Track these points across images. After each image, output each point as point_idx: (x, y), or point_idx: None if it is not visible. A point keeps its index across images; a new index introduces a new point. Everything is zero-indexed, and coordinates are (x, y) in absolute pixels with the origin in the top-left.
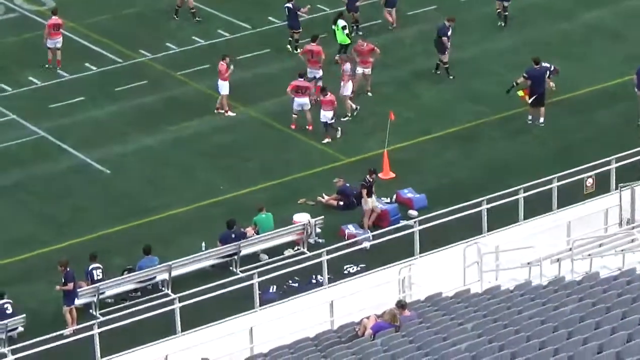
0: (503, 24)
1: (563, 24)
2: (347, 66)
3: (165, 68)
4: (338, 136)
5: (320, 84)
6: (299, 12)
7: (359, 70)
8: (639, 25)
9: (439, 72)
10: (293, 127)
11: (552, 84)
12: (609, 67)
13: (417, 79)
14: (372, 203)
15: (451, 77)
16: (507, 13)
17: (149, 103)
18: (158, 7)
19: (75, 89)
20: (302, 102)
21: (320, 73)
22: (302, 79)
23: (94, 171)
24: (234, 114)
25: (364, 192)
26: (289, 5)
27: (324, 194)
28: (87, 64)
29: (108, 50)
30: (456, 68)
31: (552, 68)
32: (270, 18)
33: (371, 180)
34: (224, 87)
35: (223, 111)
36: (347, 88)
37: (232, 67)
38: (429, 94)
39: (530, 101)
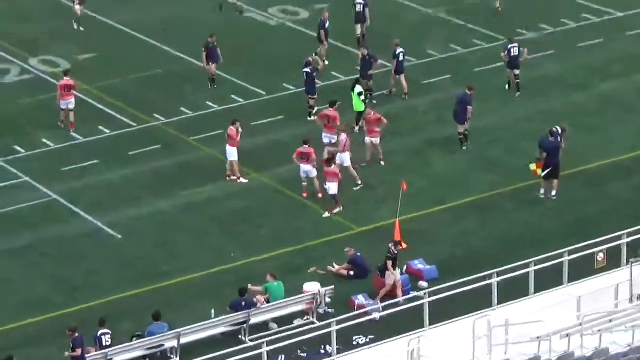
0: (517, 93)
1: (577, 95)
2: (343, 137)
3: (179, 133)
4: (335, 211)
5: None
6: (318, 69)
7: (367, 139)
8: None
9: (464, 148)
10: (305, 195)
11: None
12: (623, 140)
13: (430, 147)
14: (397, 275)
15: (464, 148)
16: (518, 81)
17: (163, 167)
18: (173, 71)
19: (89, 152)
20: (306, 169)
21: (335, 138)
22: (307, 145)
23: (105, 235)
24: (246, 181)
25: (389, 264)
26: (307, 70)
27: (334, 264)
28: (100, 127)
29: (122, 114)
30: (470, 137)
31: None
32: (284, 84)
33: (396, 252)
34: (232, 153)
35: (235, 177)
36: (345, 159)
37: (240, 130)
38: (442, 162)
39: (544, 174)
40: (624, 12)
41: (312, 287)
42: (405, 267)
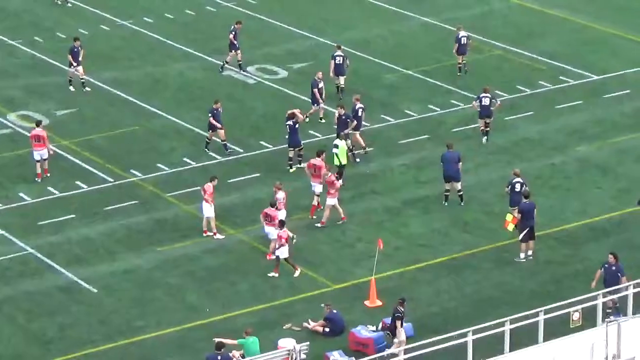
0: (486, 140)
1: (555, 157)
2: (281, 194)
3: (155, 189)
4: (277, 275)
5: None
6: (304, 116)
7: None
8: (629, 161)
9: (462, 204)
10: (268, 257)
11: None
12: (600, 201)
13: (406, 207)
14: (404, 334)
15: (462, 204)
16: (488, 129)
17: (139, 223)
18: (150, 128)
19: (65, 206)
20: (267, 230)
21: (320, 188)
22: (273, 208)
23: (81, 290)
24: (223, 237)
25: (399, 324)
26: (290, 122)
27: (310, 320)
28: (77, 182)
29: (99, 169)
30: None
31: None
32: (261, 142)
33: (402, 310)
34: (208, 209)
35: (211, 234)
36: (282, 214)
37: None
38: (418, 222)
39: (521, 237)
40: (601, 76)
41: (287, 343)
42: (380, 324)
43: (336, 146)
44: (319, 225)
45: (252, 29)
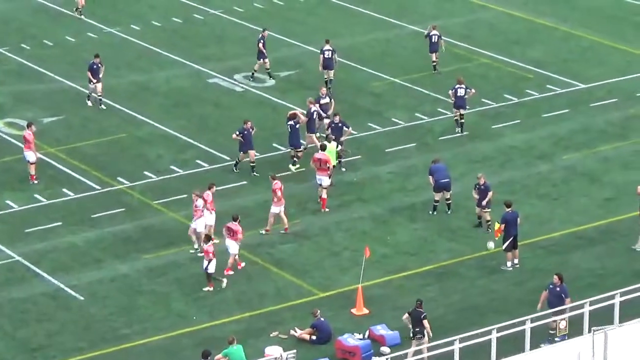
0: (460, 131)
1: (542, 165)
2: (200, 202)
3: (142, 196)
4: (206, 289)
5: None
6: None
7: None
8: (615, 169)
9: (449, 212)
10: (226, 272)
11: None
12: (587, 210)
13: (393, 215)
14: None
15: (449, 212)
16: (463, 121)
17: (126, 230)
18: (138, 135)
19: (52, 214)
20: (227, 243)
21: (327, 181)
22: (235, 222)
23: (67, 297)
24: (217, 241)
25: (426, 322)
26: (291, 123)
27: (296, 328)
28: (64, 190)
29: (86, 177)
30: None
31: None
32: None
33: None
34: (209, 218)
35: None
36: (199, 224)
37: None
38: (405, 230)
39: (504, 247)
40: (588, 84)
41: (273, 350)
42: (367, 332)
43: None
44: (263, 232)
45: (240, 37)
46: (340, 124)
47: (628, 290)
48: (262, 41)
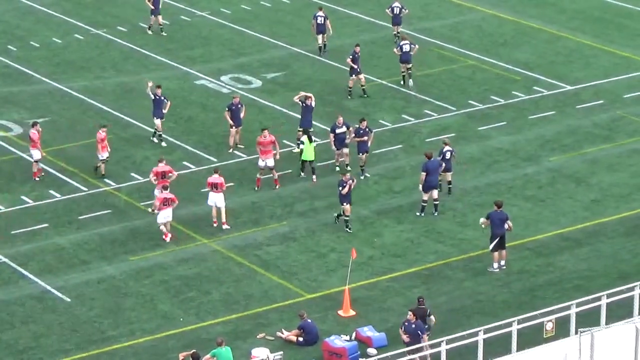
0: (411, 82)
1: (528, 167)
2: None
3: (129, 198)
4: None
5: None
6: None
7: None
8: (602, 171)
9: (436, 214)
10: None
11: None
12: (573, 212)
13: (380, 217)
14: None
15: (435, 214)
16: (410, 72)
17: (112, 232)
18: (124, 137)
19: (39, 215)
20: (214, 198)
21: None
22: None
23: (54, 299)
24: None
25: (433, 317)
26: (304, 104)
27: (283, 329)
28: (51, 191)
29: (72, 178)
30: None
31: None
32: (235, 152)
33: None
34: (220, 200)
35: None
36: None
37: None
38: (391, 232)
39: (491, 247)
40: (574, 86)
41: (260, 352)
42: (354, 334)
43: (302, 142)
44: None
45: (226, 39)
46: (367, 129)
47: (614, 291)
48: (353, 56)
